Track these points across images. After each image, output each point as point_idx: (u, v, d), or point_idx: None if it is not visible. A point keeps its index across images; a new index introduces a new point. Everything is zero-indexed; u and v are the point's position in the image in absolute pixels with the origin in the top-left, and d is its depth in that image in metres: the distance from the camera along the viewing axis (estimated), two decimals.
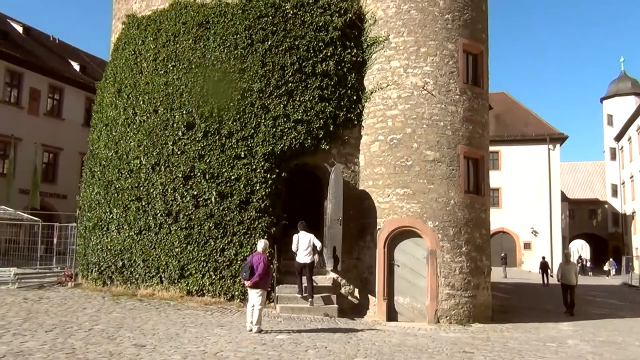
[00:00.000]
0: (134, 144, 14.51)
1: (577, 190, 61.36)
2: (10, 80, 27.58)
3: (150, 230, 13.85)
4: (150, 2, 15.76)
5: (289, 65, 13.76)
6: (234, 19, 14.11)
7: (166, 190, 13.76)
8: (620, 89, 56.87)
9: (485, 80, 15.02)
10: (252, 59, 13.81)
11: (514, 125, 42.97)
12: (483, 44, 14.93)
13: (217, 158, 13.50)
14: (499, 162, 41.63)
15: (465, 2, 14.31)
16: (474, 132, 14.14)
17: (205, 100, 13.82)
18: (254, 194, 13.24)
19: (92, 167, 15.85)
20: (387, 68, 14.08)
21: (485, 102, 15.01)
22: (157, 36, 14.96)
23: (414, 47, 13.93)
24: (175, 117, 14.02)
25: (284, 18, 14.02)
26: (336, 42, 14.12)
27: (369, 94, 14.26)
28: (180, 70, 14.27)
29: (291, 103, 13.67)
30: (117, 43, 16.37)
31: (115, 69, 16.08)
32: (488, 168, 15.15)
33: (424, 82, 13.76)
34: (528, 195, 40.76)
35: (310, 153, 13.84)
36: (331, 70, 13.96)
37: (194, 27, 14.41)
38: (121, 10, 16.94)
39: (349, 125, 14.23)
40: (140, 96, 14.78)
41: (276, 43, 13.87)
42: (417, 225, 13.38)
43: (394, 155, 13.70)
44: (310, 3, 14.17)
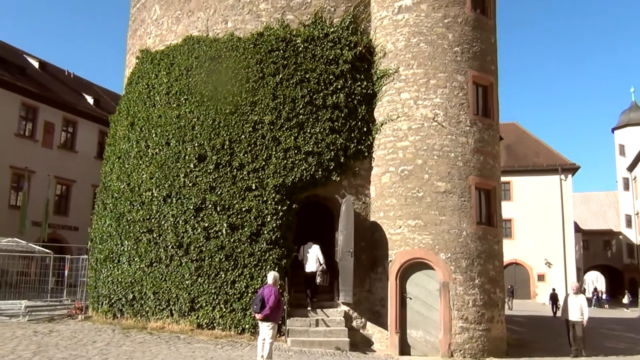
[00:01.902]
0: (146, 176, 14.61)
1: (591, 221, 60.66)
2: (26, 114, 28.06)
3: (161, 263, 13.82)
4: (163, 37, 16.08)
5: (299, 97, 13.90)
6: (246, 53, 14.33)
7: (177, 222, 13.79)
8: (632, 119, 56.73)
9: (496, 112, 15.05)
10: (264, 92, 13.97)
11: (525, 156, 42.82)
12: (493, 75, 15.01)
13: (228, 190, 13.54)
14: (511, 193, 41.34)
15: (474, 35, 14.46)
16: (485, 163, 14.11)
17: (217, 133, 13.95)
18: (264, 226, 13.22)
19: (104, 199, 15.95)
20: (397, 100, 14.16)
21: (496, 133, 15.01)
22: (170, 70, 15.21)
23: (423, 79, 14.03)
24: (187, 149, 14.14)
25: (294, 52, 14.22)
26: (346, 75, 14.27)
27: (379, 126, 14.33)
28: (193, 103, 14.45)
29: (302, 135, 13.75)
30: (131, 77, 16.66)
31: (128, 102, 16.32)
32: (500, 199, 15.05)
33: (434, 113, 13.81)
34: (541, 226, 40.31)
35: (321, 185, 13.85)
36: (342, 103, 14.07)
37: (206, 61, 14.65)
38: (135, 46, 17.29)
39: (360, 156, 14.26)
40: (153, 129, 14.95)
41: (287, 76, 14.04)
42: (429, 257, 13.26)
43: (405, 186, 13.67)
44: (320, 37, 14.38)
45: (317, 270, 13.50)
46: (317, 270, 13.50)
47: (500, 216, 14.81)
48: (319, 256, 13.51)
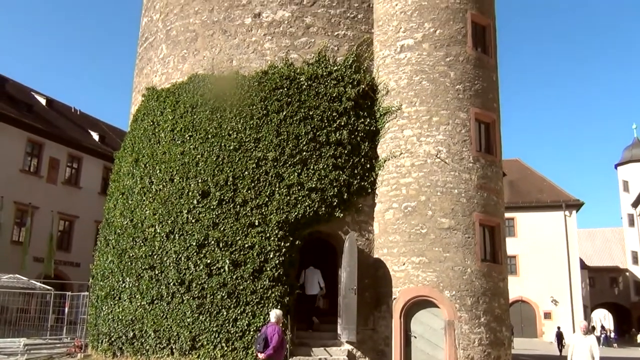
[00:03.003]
0: (149, 212, 14.61)
1: (596, 258, 60.09)
2: (31, 150, 28.29)
3: (162, 300, 13.68)
4: (169, 75, 16.32)
5: (303, 134, 14.00)
6: (250, 90, 14.51)
7: (180, 258, 13.71)
8: (635, 155, 56.86)
9: (498, 148, 15.11)
10: (267, 129, 14.09)
11: (528, 192, 42.76)
12: (495, 112, 15.14)
13: (231, 226, 13.51)
14: (515, 229, 41.10)
15: (475, 73, 14.64)
16: (489, 199, 14.08)
17: (221, 169, 14.00)
18: (267, 263, 13.13)
19: (106, 235, 15.91)
20: (400, 137, 14.25)
21: (499, 169, 15.04)
22: (175, 107, 15.39)
23: (426, 116, 14.15)
24: (191, 185, 14.17)
25: (298, 89, 14.40)
26: (349, 112, 14.40)
27: (382, 162, 14.38)
28: (197, 140, 14.56)
29: (305, 171, 13.80)
30: (137, 114, 16.84)
31: (133, 139, 16.45)
32: (504, 236, 14.97)
33: (437, 150, 13.87)
34: (546, 262, 39.92)
35: (324, 221, 13.82)
36: (345, 139, 14.16)
37: (211, 99, 14.82)
38: (142, 83, 17.54)
39: (363, 193, 14.27)
40: (157, 165, 15.02)
41: (291, 113, 14.18)
42: (434, 294, 13.10)
43: (408, 223, 13.62)
44: (324, 75, 14.59)
45: (318, 293, 14.11)
46: (318, 294, 14.11)
47: (505, 253, 14.70)
48: (320, 280, 14.14)
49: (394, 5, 15.06)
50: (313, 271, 14.31)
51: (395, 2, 15.06)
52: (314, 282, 14.16)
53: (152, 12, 17.83)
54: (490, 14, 15.81)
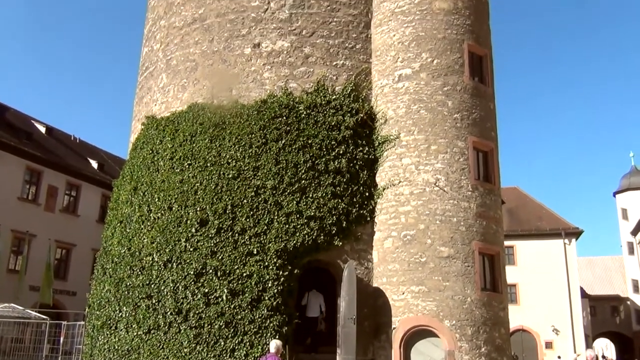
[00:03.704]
0: (147, 240, 14.54)
1: (597, 286, 59.68)
2: (30, 178, 28.28)
3: (159, 330, 13.51)
4: (169, 104, 16.44)
5: (302, 163, 14.04)
6: (249, 119, 14.61)
7: (177, 287, 13.58)
8: (633, 183, 56.98)
9: (497, 177, 15.15)
10: (266, 157, 14.13)
11: (528, 220, 42.66)
12: (493, 141, 15.22)
13: (230, 255, 13.43)
14: (515, 257, 40.85)
15: (473, 102, 14.77)
16: (488, 228, 14.06)
17: (219, 197, 13.99)
18: (265, 292, 13.02)
19: (104, 264, 15.80)
20: (398, 165, 14.30)
21: (498, 198, 15.05)
22: (174, 136, 15.45)
23: (424, 144, 14.22)
24: (189, 214, 14.13)
25: (297, 118, 14.50)
26: (348, 141, 14.48)
27: (381, 191, 14.39)
28: (196, 168, 14.58)
29: (304, 200, 13.79)
30: (136, 143, 16.90)
31: (132, 167, 16.48)
32: (504, 264, 14.89)
33: (436, 178, 13.90)
34: (546, 291, 39.59)
35: (323, 249, 13.76)
36: (343, 168, 14.20)
37: (210, 128, 14.90)
38: (141, 112, 17.66)
39: (362, 221, 14.25)
40: (156, 194, 15.01)
41: (290, 142, 14.24)
42: (434, 324, 12.97)
43: (407, 251, 13.57)
44: (322, 104, 14.70)
45: (319, 317, 14.20)
46: (319, 317, 14.20)
47: (505, 282, 14.61)
48: (322, 304, 14.27)
49: (391, 36, 15.27)
50: (316, 294, 14.39)
51: (393, 33, 15.28)
52: (315, 305, 14.21)
53: (153, 42, 18.06)
54: (486, 45, 16.03)
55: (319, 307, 14.31)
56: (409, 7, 15.27)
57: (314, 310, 14.27)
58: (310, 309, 14.27)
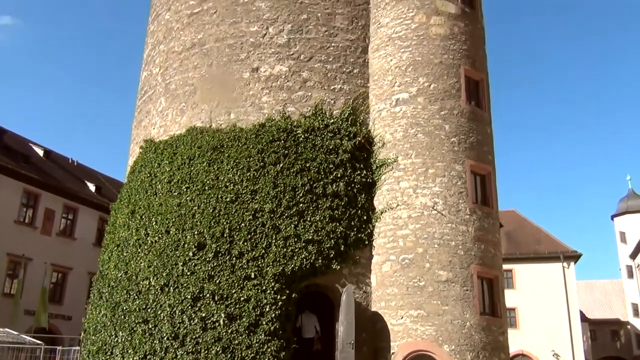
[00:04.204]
0: (144, 264, 14.45)
1: (596, 310, 59.30)
2: (27, 201, 28.21)
3: (155, 355, 13.32)
4: (167, 128, 16.51)
5: (300, 186, 14.05)
6: (248, 142, 14.66)
7: (174, 312, 13.45)
8: (630, 207, 57.08)
9: (495, 200, 15.17)
10: (264, 181, 14.15)
11: (526, 243, 42.57)
12: (490, 165, 15.28)
13: (227, 279, 13.34)
14: (513, 281, 40.65)
15: (470, 126, 14.87)
16: (487, 251, 14.03)
17: (217, 221, 13.96)
18: (263, 316, 12.90)
19: (100, 288, 15.67)
20: (396, 189, 14.32)
21: (496, 221, 15.05)
22: (172, 159, 15.48)
23: (422, 168, 14.27)
24: (187, 237, 14.08)
25: (295, 142, 14.55)
26: (346, 164, 14.52)
27: (379, 214, 14.39)
28: (194, 191, 14.58)
29: (302, 223, 13.77)
30: (134, 166, 16.92)
31: (130, 190, 16.46)
32: (503, 288, 14.82)
33: (434, 202, 13.92)
34: (546, 315, 39.31)
35: (321, 273, 13.69)
36: (341, 191, 14.21)
37: (208, 151, 14.94)
38: (140, 136, 17.71)
39: (360, 245, 14.21)
40: (153, 217, 14.97)
41: (288, 165, 14.28)
42: (433, 349, 12.84)
43: (406, 275, 13.50)
44: (320, 128, 14.79)
45: (314, 337, 14.05)
46: (315, 337, 14.05)
47: (504, 306, 14.52)
48: (316, 324, 14.15)
49: (388, 61, 15.43)
50: (309, 315, 14.25)
51: (390, 58, 15.44)
52: (310, 326, 14.16)
53: (152, 66, 18.21)
54: (482, 70, 16.21)
55: (313, 327, 14.22)
56: (406, 32, 15.47)
57: (309, 331, 14.19)
58: (305, 330, 14.18)
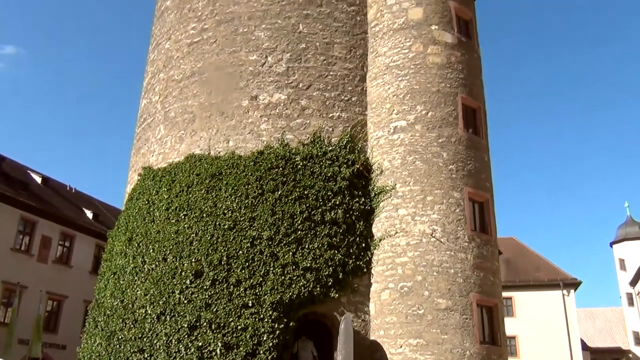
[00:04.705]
0: (141, 292, 14.32)
1: (597, 339, 58.63)
2: (24, 228, 28.06)
3: None
4: (166, 155, 16.55)
5: (298, 213, 14.03)
6: (246, 170, 14.69)
7: (170, 341, 13.28)
8: (629, 234, 56.95)
9: (493, 227, 15.15)
10: (262, 208, 14.13)
11: (525, 271, 42.32)
12: (488, 192, 15.30)
13: (224, 307, 13.21)
14: (513, 309, 40.28)
15: (467, 154, 14.93)
16: (486, 279, 13.94)
17: (215, 248, 13.89)
18: (260, 345, 12.73)
19: (95, 316, 15.50)
20: (395, 216, 14.30)
21: (495, 249, 15.00)
22: (171, 187, 15.48)
23: (420, 195, 14.28)
24: (184, 265, 14.00)
25: (293, 169, 14.59)
26: (344, 192, 14.53)
27: (377, 242, 14.34)
28: (192, 219, 14.54)
29: (300, 251, 13.71)
30: (132, 193, 16.91)
31: (128, 217, 16.42)
32: (503, 316, 14.68)
33: (432, 229, 13.89)
34: (546, 343, 38.84)
35: (319, 301, 13.58)
36: (340, 219, 14.19)
37: (207, 178, 14.95)
38: (138, 163, 17.74)
39: (359, 272, 14.12)
40: (151, 245, 14.90)
41: (286, 192, 14.28)
42: None
43: (405, 303, 13.39)
44: (319, 155, 14.84)
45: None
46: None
47: (504, 334, 14.36)
48: (313, 350, 13.93)
49: (386, 89, 15.58)
50: (305, 341, 14.06)
51: (387, 86, 15.60)
52: (307, 352, 13.95)
53: (152, 94, 18.35)
54: (479, 98, 16.36)
55: (310, 353, 14.01)
56: (403, 61, 15.66)
57: (306, 357, 13.97)
58: (302, 357, 13.96)
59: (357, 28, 16.80)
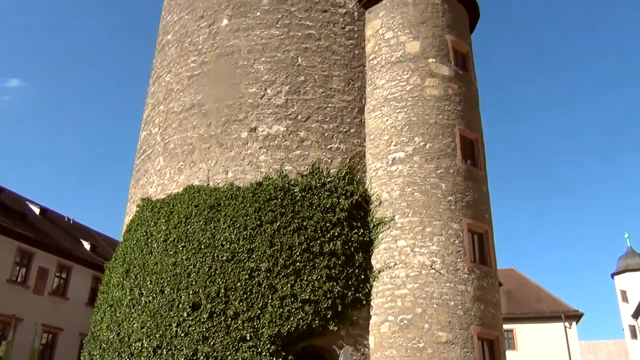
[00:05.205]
0: (137, 325, 14.13)
1: None
2: (20, 260, 27.84)
3: None
4: (165, 186, 16.56)
5: (297, 245, 13.96)
6: (245, 201, 14.67)
7: None
8: (630, 265, 56.55)
9: (493, 259, 15.06)
10: (261, 239, 14.06)
11: (526, 302, 41.85)
12: (487, 223, 15.26)
13: (222, 340, 13.03)
14: (515, 342, 39.68)
15: (466, 185, 14.95)
16: (486, 311, 13.79)
17: (213, 280, 13.78)
18: None
19: (91, 350, 15.26)
20: (394, 247, 14.23)
21: (495, 280, 14.88)
22: (169, 218, 15.44)
23: (419, 227, 14.23)
24: (182, 297, 13.85)
25: (292, 200, 14.57)
26: (343, 223, 14.48)
27: (377, 273, 14.23)
28: (190, 250, 14.46)
29: (299, 283, 13.59)
30: (130, 224, 16.85)
31: (125, 249, 16.32)
32: (504, 349, 14.47)
33: (432, 261, 13.80)
34: None
35: (318, 334, 13.39)
36: (339, 250, 14.11)
37: (205, 210, 14.93)
38: (137, 194, 17.74)
39: (358, 305, 13.97)
40: (148, 276, 14.78)
41: (285, 224, 14.24)
42: None
43: (404, 336, 13.21)
44: (317, 186, 14.85)
45: None
46: None
47: None
48: None
49: (384, 121, 15.70)
50: None
51: (386, 118, 15.72)
52: None
53: (151, 126, 18.46)
54: (477, 130, 16.47)
55: None
56: (401, 93, 15.82)
57: None
58: None
59: (355, 61, 17.02)
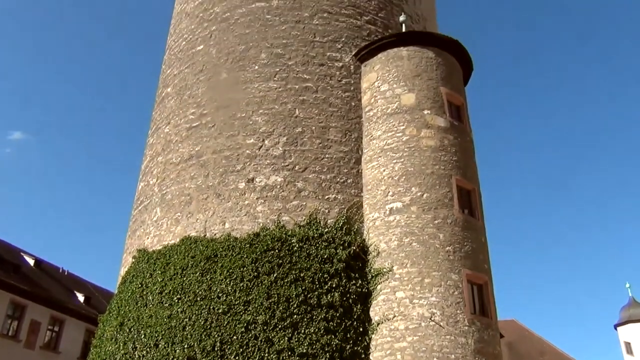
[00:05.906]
0: None
1: None
2: (12, 313, 27.35)
3: None
4: (162, 237, 16.46)
5: (294, 296, 13.76)
6: (242, 252, 14.56)
7: None
8: (633, 316, 55.69)
9: (493, 310, 14.83)
10: (258, 291, 13.87)
11: (529, 355, 40.95)
12: (486, 274, 15.12)
13: None
14: None
15: (464, 235, 14.89)
16: None
17: (208, 334, 13.50)
18: None
19: None
20: (392, 299, 14.03)
21: (496, 332, 14.61)
22: (165, 269, 15.27)
23: (418, 277, 14.08)
24: (176, 351, 13.53)
25: (289, 251, 14.47)
26: (341, 274, 14.33)
27: (375, 326, 13.97)
28: (185, 302, 14.23)
29: (296, 336, 13.32)
30: (126, 276, 16.64)
31: (120, 301, 16.06)
32: None
33: (431, 313, 13.58)
34: None
35: None
36: (337, 302, 13.90)
37: (202, 261, 14.79)
38: (133, 245, 17.60)
39: (356, 359, 13.62)
40: (142, 330, 14.48)
41: (282, 275, 14.08)
42: None
43: None
44: (315, 237, 14.77)
45: None
46: None
47: None
48: None
49: (381, 171, 15.79)
50: None
51: (382, 168, 15.82)
52: None
53: (149, 177, 18.52)
54: (474, 180, 16.55)
55: None
56: (398, 144, 15.98)
57: None
58: None
59: (352, 112, 17.28)
